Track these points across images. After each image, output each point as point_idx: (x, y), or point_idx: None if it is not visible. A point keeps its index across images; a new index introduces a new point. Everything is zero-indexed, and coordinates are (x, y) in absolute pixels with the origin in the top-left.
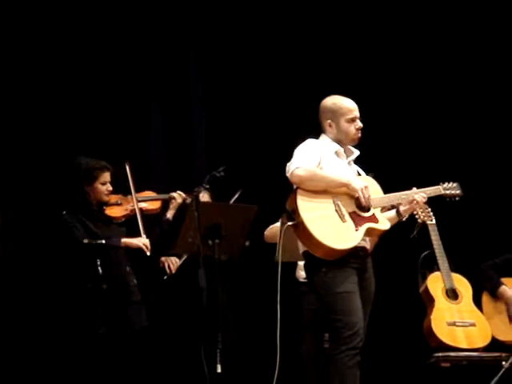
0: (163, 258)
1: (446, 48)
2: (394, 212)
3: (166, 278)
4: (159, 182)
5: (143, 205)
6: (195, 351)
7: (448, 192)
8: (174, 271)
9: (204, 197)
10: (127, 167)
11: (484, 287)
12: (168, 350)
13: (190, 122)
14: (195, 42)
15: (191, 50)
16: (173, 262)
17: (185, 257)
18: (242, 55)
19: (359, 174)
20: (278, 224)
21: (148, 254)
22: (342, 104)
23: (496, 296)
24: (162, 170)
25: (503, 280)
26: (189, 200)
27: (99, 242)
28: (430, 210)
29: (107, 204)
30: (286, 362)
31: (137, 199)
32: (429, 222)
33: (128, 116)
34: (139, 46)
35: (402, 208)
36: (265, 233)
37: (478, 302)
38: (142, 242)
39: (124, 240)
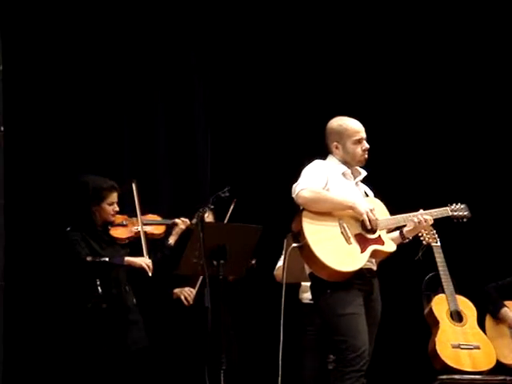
0: (177, 290)
1: (456, 67)
2: (397, 233)
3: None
4: (163, 203)
5: (148, 228)
6: (199, 372)
7: (456, 213)
8: (191, 302)
9: (208, 217)
10: (134, 186)
11: (486, 309)
12: (171, 371)
13: (195, 143)
14: (199, 56)
15: (192, 60)
16: (188, 293)
17: (198, 285)
18: (247, 72)
19: (367, 195)
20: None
21: (150, 274)
22: (348, 126)
23: (498, 318)
24: (166, 191)
25: (508, 303)
26: (194, 220)
27: (102, 259)
28: (434, 231)
29: (112, 224)
30: (290, 382)
31: (142, 222)
32: (433, 244)
33: (133, 135)
34: (142, 60)
35: (405, 229)
36: (274, 272)
37: (482, 324)
38: (146, 262)
39: (127, 259)
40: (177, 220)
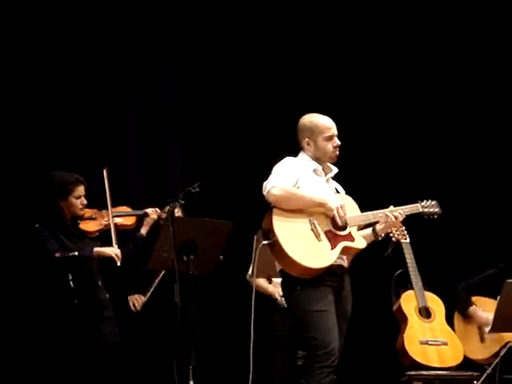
0: (129, 297)
1: (423, 65)
2: (370, 230)
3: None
4: (134, 197)
5: (118, 220)
6: (167, 367)
7: (426, 210)
8: (139, 308)
9: (178, 212)
10: (105, 173)
11: (455, 308)
12: (140, 366)
13: (165, 139)
14: (170, 56)
15: (165, 64)
16: (137, 299)
17: (149, 294)
18: (218, 70)
19: (337, 191)
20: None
21: (118, 263)
22: (319, 122)
23: (467, 316)
24: (136, 184)
25: (479, 299)
26: (164, 215)
27: (71, 254)
28: (404, 228)
29: (82, 218)
30: (259, 379)
31: (112, 214)
32: (403, 241)
33: (103, 128)
34: (113, 59)
35: (378, 227)
36: (246, 277)
37: (450, 320)
38: (114, 251)
39: (96, 249)
40: (148, 210)
